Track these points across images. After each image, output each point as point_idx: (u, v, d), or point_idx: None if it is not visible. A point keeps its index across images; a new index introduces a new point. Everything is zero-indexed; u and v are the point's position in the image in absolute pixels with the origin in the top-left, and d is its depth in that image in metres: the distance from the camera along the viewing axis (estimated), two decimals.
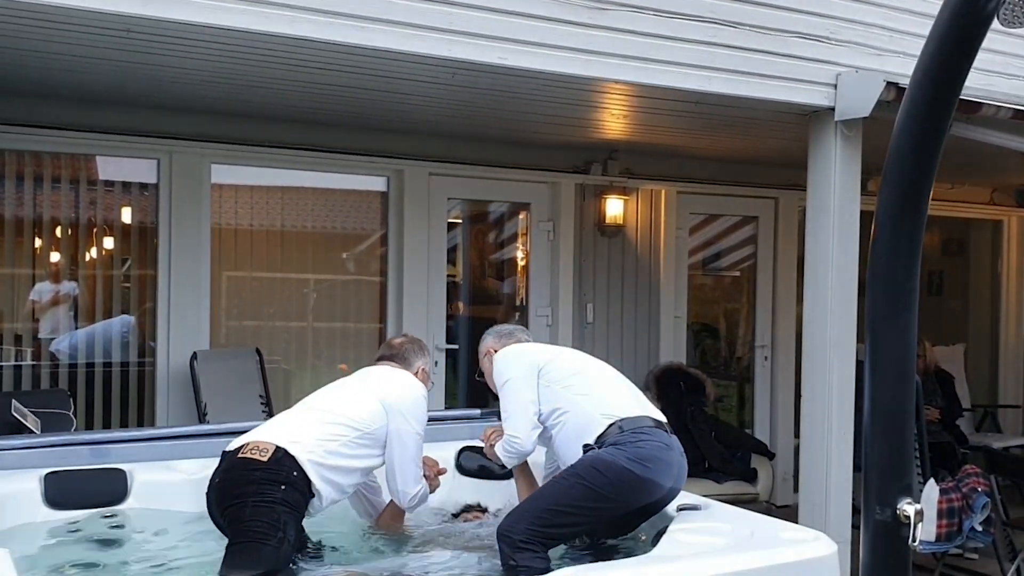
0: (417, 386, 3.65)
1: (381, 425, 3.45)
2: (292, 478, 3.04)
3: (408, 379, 3.67)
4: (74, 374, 5.84)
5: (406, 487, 3.51)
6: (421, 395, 3.61)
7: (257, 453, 3.06)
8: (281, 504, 3.00)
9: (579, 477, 3.20)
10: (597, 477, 3.18)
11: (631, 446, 3.25)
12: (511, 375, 3.57)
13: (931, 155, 2.48)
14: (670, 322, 7.27)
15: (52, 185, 5.88)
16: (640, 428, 3.31)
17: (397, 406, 3.49)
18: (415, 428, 3.51)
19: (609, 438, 3.27)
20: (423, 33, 3.99)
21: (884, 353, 2.59)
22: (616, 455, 3.22)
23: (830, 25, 4.96)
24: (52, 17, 3.60)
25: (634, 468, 3.20)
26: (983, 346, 8.92)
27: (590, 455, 3.26)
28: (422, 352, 3.90)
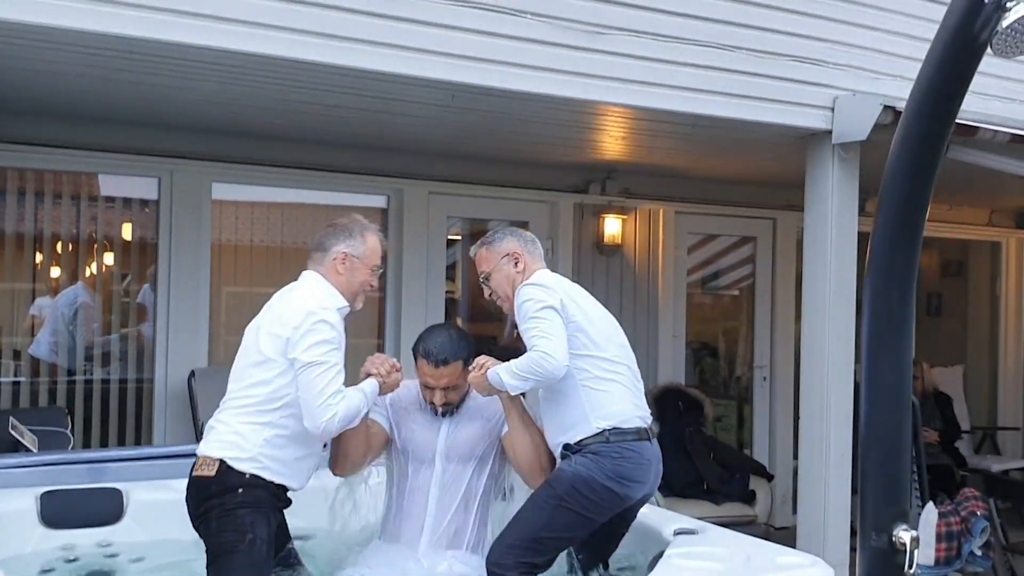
0: (297, 301, 3.05)
1: (280, 372, 3.00)
2: (245, 480, 2.98)
3: (289, 300, 3.09)
4: (72, 391, 5.84)
5: (313, 422, 2.96)
6: (302, 311, 3.00)
7: (205, 469, 3.01)
8: (242, 507, 2.96)
9: (562, 500, 3.13)
10: (580, 499, 3.12)
11: (610, 461, 3.16)
12: (550, 302, 3.19)
13: (926, 181, 2.50)
14: (669, 341, 7.27)
15: (53, 201, 5.91)
16: (624, 441, 3.22)
17: (279, 344, 3.00)
18: (307, 356, 2.95)
19: (591, 445, 3.18)
20: (423, 56, 4.02)
21: (879, 378, 2.60)
22: (595, 472, 3.14)
23: (827, 49, 4.99)
24: (56, 39, 3.62)
25: (612, 486, 3.16)
26: (982, 367, 8.92)
27: (569, 473, 3.16)
28: (345, 232, 3.20)
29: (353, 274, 3.17)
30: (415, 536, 3.29)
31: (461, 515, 3.34)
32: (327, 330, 2.98)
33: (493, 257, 3.45)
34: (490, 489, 3.43)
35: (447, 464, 3.34)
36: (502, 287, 3.41)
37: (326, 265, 3.16)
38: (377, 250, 3.25)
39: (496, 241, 3.49)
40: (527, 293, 3.24)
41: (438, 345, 3.27)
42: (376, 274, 3.26)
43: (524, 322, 3.19)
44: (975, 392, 8.69)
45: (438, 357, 3.26)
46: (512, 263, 3.42)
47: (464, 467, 3.35)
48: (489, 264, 3.45)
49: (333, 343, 2.99)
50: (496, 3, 4.16)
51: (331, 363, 2.97)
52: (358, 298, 3.23)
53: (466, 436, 3.37)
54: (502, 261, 3.42)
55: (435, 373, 3.28)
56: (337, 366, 2.99)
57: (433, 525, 3.29)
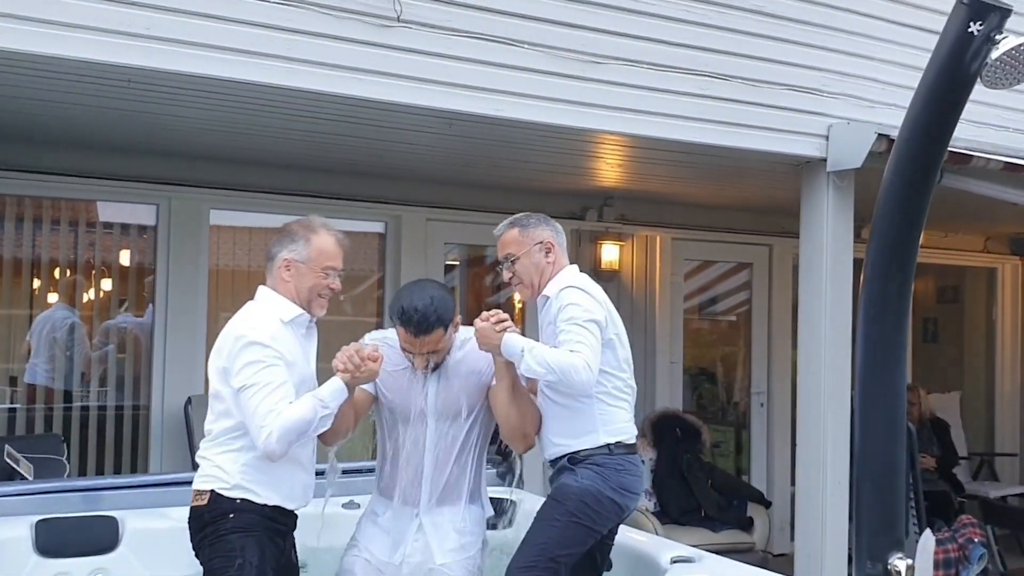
0: (229, 327, 2.99)
1: (233, 401, 2.94)
2: (236, 506, 2.97)
3: (226, 327, 3.02)
4: (68, 418, 5.83)
5: (257, 445, 2.90)
6: (231, 337, 2.95)
7: (199, 500, 3.01)
8: (232, 532, 2.94)
9: (573, 516, 3.16)
10: (589, 512, 3.17)
11: (614, 473, 3.22)
12: (598, 318, 3.19)
13: (918, 210, 2.53)
14: (666, 367, 7.27)
15: (51, 227, 5.93)
16: (626, 453, 3.28)
17: (220, 375, 2.96)
18: (238, 381, 2.89)
19: (595, 457, 3.22)
20: (421, 85, 4.05)
21: (873, 407, 2.61)
22: (600, 485, 3.19)
23: (821, 78, 5.03)
24: (54, 68, 3.66)
25: (616, 498, 3.22)
26: (979, 393, 8.92)
27: (577, 488, 3.19)
28: (288, 238, 3.08)
29: (300, 280, 3.04)
30: (413, 494, 3.21)
31: (457, 469, 3.23)
32: (255, 351, 2.89)
33: (526, 241, 3.34)
34: (484, 439, 3.32)
35: (439, 422, 3.21)
36: (529, 274, 3.35)
37: (273, 275, 3.07)
38: (324, 250, 3.06)
39: (531, 226, 3.36)
40: (577, 297, 3.20)
41: (420, 312, 3.03)
42: (331, 276, 3.08)
43: (568, 324, 3.13)
44: (972, 418, 8.69)
45: (420, 326, 3.05)
46: (544, 252, 3.34)
47: (456, 422, 3.22)
48: (520, 248, 3.34)
49: (264, 362, 2.89)
50: (493, 32, 4.20)
51: (261, 383, 2.87)
52: (313, 305, 3.08)
53: (456, 392, 3.21)
54: (534, 248, 3.34)
55: (416, 342, 3.09)
56: (269, 385, 2.87)
57: (431, 483, 3.20)
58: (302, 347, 3.09)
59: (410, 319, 3.04)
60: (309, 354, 3.14)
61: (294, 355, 3.02)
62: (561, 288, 3.28)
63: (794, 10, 4.99)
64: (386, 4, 3.97)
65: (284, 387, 2.91)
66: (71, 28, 3.45)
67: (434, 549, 3.19)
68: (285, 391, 2.91)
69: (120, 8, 3.52)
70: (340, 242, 3.11)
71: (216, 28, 3.68)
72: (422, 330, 3.04)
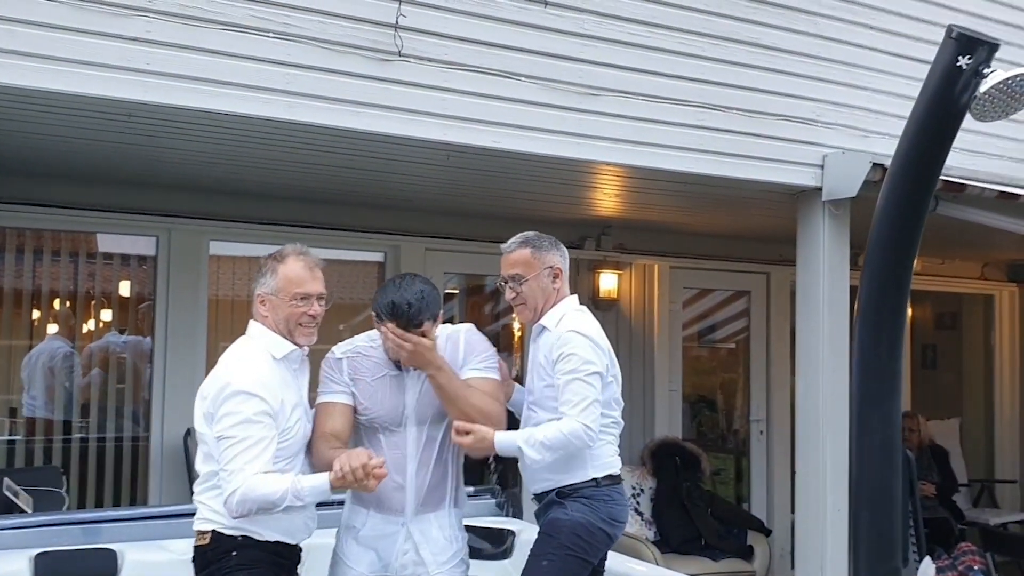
0: (218, 368, 2.94)
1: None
2: (238, 543, 2.94)
3: (215, 368, 2.97)
4: (67, 449, 5.83)
5: (223, 490, 2.86)
6: (217, 383, 2.89)
7: (202, 540, 2.98)
8: (237, 569, 2.92)
9: (567, 549, 3.16)
10: (582, 544, 3.18)
11: (602, 504, 3.23)
12: (600, 369, 3.18)
13: (910, 243, 2.56)
14: (665, 395, 7.28)
15: (52, 258, 5.96)
16: (611, 485, 3.29)
17: (204, 420, 2.92)
18: (217, 430, 2.85)
19: (583, 490, 3.22)
20: (418, 118, 4.09)
21: (869, 435, 2.63)
22: (590, 516, 3.20)
23: (816, 108, 5.08)
24: (55, 103, 3.70)
25: (606, 528, 3.23)
26: (978, 420, 8.91)
27: (568, 521, 3.19)
28: (259, 273, 3.04)
29: (276, 313, 2.98)
30: (396, 501, 3.11)
31: (439, 473, 3.16)
32: (238, 401, 2.83)
33: (536, 264, 3.29)
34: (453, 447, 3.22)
35: (420, 426, 3.13)
36: (535, 298, 3.30)
37: (255, 312, 3.04)
38: (292, 278, 2.97)
39: (544, 248, 3.32)
40: (580, 347, 3.17)
41: (413, 306, 2.99)
42: (305, 304, 2.98)
43: (569, 378, 3.13)
44: (972, 445, 8.68)
45: (412, 320, 2.99)
46: (552, 277, 3.30)
47: (438, 427, 3.15)
48: (529, 269, 3.28)
49: (244, 414, 2.82)
50: (490, 65, 4.25)
51: (239, 437, 2.81)
52: (296, 335, 2.99)
53: (434, 397, 3.12)
54: (544, 271, 3.29)
55: (407, 336, 3.02)
56: (246, 440, 2.80)
57: (416, 490, 3.12)
58: (296, 381, 3.05)
59: (403, 312, 2.99)
60: (302, 387, 3.09)
61: (285, 393, 2.95)
62: (565, 329, 3.24)
63: (789, 41, 5.05)
64: (386, 39, 4.02)
65: (261, 444, 2.83)
66: (71, 64, 3.50)
67: (427, 559, 3.12)
68: (261, 449, 2.83)
69: (119, 44, 3.56)
70: (311, 266, 3.02)
71: (215, 63, 3.72)
72: (414, 323, 2.99)
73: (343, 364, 3.16)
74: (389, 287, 3.09)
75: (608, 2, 4.55)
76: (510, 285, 3.32)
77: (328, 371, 3.18)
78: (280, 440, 2.91)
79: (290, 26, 3.86)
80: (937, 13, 5.30)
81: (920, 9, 5.38)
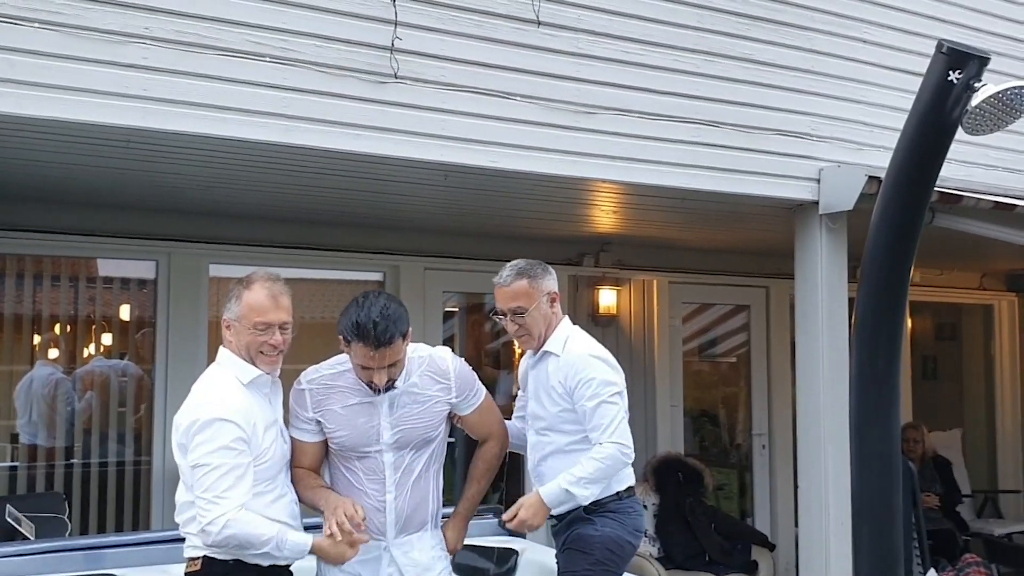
0: (191, 398, 2.95)
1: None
2: (229, 567, 2.95)
3: (187, 399, 2.98)
4: (69, 475, 5.82)
5: (201, 516, 2.87)
6: (189, 415, 2.90)
7: (193, 566, 3.01)
8: None
9: (602, 564, 3.22)
10: (615, 559, 3.24)
11: (627, 517, 3.31)
12: (621, 387, 3.24)
13: (906, 255, 2.57)
14: (666, 410, 7.27)
15: (52, 283, 5.96)
16: (631, 497, 3.37)
17: (179, 452, 2.95)
18: (191, 458, 2.86)
19: (608, 504, 3.27)
20: (416, 139, 4.12)
21: (868, 446, 2.64)
22: (619, 530, 3.26)
23: (811, 122, 5.11)
24: (54, 130, 3.71)
25: (632, 540, 3.31)
26: (980, 430, 8.90)
27: (600, 536, 3.23)
28: (228, 299, 3.04)
29: (238, 339, 2.97)
30: (378, 524, 3.09)
31: (418, 495, 3.13)
32: (213, 430, 2.83)
33: (535, 293, 3.28)
34: (440, 457, 3.23)
35: (400, 452, 3.09)
36: (537, 327, 3.30)
37: (223, 337, 3.03)
38: (254, 306, 2.94)
39: (539, 276, 3.31)
40: (599, 369, 3.21)
41: (378, 324, 2.90)
42: (265, 333, 2.94)
43: (595, 404, 3.16)
44: (974, 455, 8.66)
45: (380, 338, 2.91)
46: (550, 303, 3.32)
47: (418, 453, 3.12)
48: (529, 301, 3.27)
49: (218, 443, 2.81)
50: (486, 86, 4.27)
51: (213, 466, 2.80)
52: (258, 362, 2.97)
53: (412, 423, 3.09)
54: (543, 299, 3.30)
55: (376, 355, 2.93)
56: (221, 468, 2.80)
57: (396, 513, 3.10)
58: (271, 405, 3.03)
59: (368, 333, 2.90)
60: (276, 408, 3.07)
61: (257, 416, 2.93)
62: (579, 354, 3.26)
63: (782, 56, 5.08)
64: (382, 61, 4.05)
65: (237, 471, 2.82)
66: (69, 91, 3.51)
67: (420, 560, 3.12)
68: (237, 477, 2.82)
69: (116, 71, 3.58)
70: (276, 295, 2.97)
71: (213, 88, 3.74)
72: (383, 341, 2.90)
73: (306, 396, 3.11)
74: (351, 307, 2.98)
75: (602, 21, 4.58)
76: (512, 319, 3.30)
77: (293, 404, 3.14)
78: (256, 463, 2.90)
79: (287, 50, 3.88)
80: (929, 26, 5.34)
81: (912, 22, 5.41)
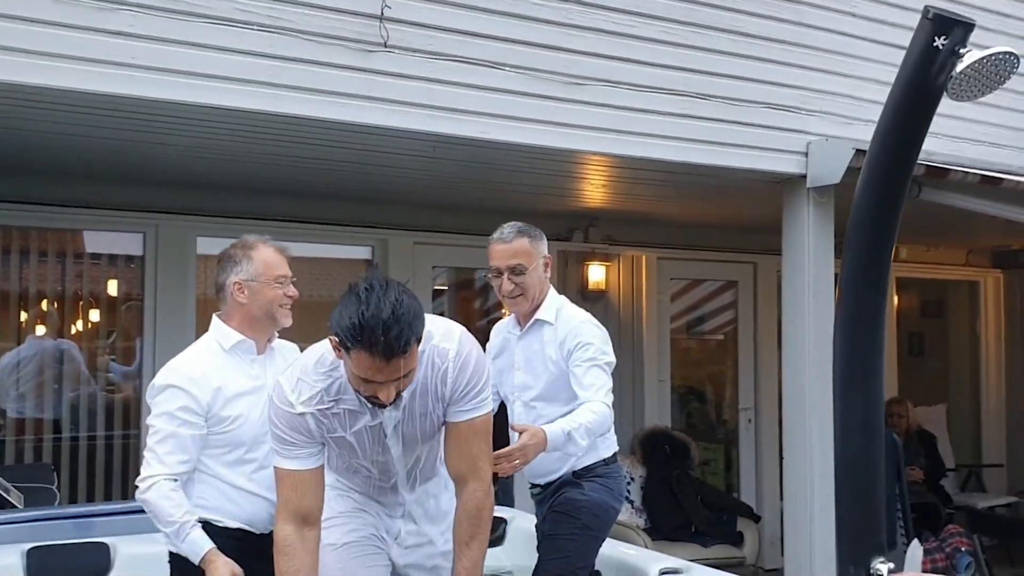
0: (165, 368, 2.97)
1: None
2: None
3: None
4: (58, 447, 5.82)
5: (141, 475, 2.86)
6: (159, 385, 2.91)
7: None
8: None
9: (589, 529, 3.23)
10: (600, 524, 3.27)
11: (613, 481, 3.35)
12: (612, 360, 3.21)
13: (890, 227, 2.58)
14: (654, 385, 7.31)
15: (38, 258, 5.94)
16: (615, 462, 3.40)
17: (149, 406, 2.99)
18: (150, 419, 2.92)
19: (595, 469, 3.30)
20: (404, 109, 4.11)
21: (851, 416, 2.65)
22: (606, 496, 3.29)
23: (800, 95, 5.12)
24: (40, 97, 3.69)
25: (616, 505, 3.36)
26: (964, 405, 8.98)
27: (587, 502, 3.24)
28: (231, 262, 2.96)
29: (256, 298, 2.98)
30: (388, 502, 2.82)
31: (429, 471, 2.81)
32: (165, 396, 2.89)
33: (534, 253, 3.24)
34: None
35: (405, 456, 2.69)
36: (534, 288, 3.25)
37: (227, 302, 3.02)
38: (271, 261, 2.99)
39: (538, 238, 3.28)
40: (597, 337, 3.21)
41: (393, 331, 2.24)
42: (285, 284, 2.99)
43: (589, 363, 3.14)
44: (958, 430, 8.74)
45: (394, 347, 2.25)
46: (544, 267, 3.30)
47: (422, 446, 2.71)
48: (530, 260, 3.22)
49: (164, 408, 2.88)
50: (474, 55, 4.26)
51: (156, 428, 2.88)
52: (278, 316, 3.00)
53: (416, 432, 2.64)
54: (540, 262, 3.27)
55: (388, 368, 2.30)
56: (160, 432, 2.86)
57: (409, 500, 2.82)
58: (257, 371, 3.02)
59: (376, 340, 2.24)
60: (268, 376, 3.02)
61: (226, 381, 2.94)
62: (577, 320, 3.26)
63: (771, 29, 5.08)
64: (371, 30, 4.03)
65: (175, 440, 2.86)
66: (55, 58, 3.49)
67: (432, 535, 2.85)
68: (175, 445, 2.86)
69: (103, 38, 3.56)
70: (281, 251, 3.06)
71: (200, 56, 3.72)
72: (396, 351, 2.26)
73: (308, 422, 2.52)
74: (351, 301, 2.31)
75: None
76: (510, 277, 3.23)
77: (288, 431, 2.54)
78: (219, 430, 2.92)
79: (275, 19, 3.87)
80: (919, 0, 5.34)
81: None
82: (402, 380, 2.37)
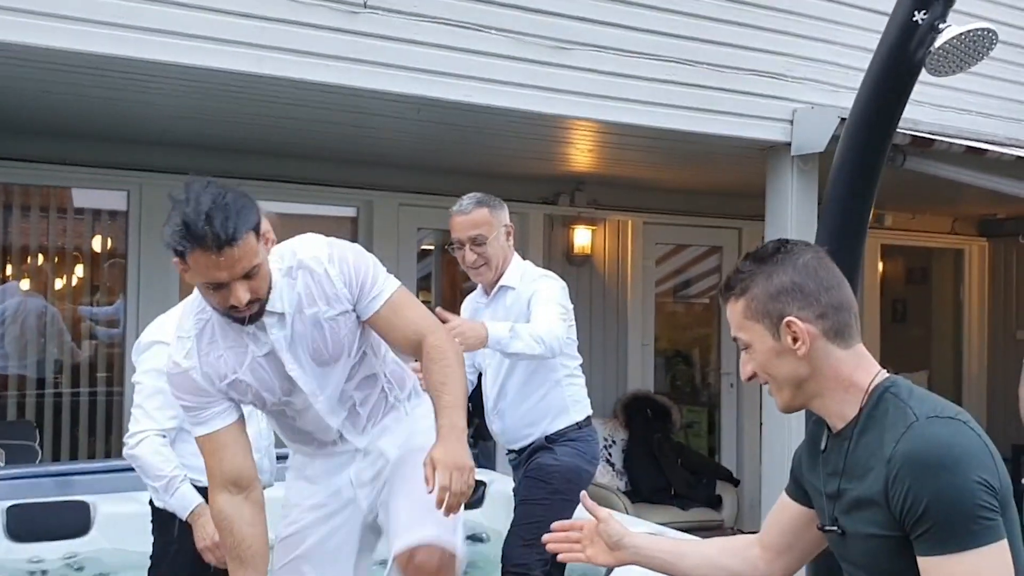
0: (151, 325, 3.04)
1: None
2: None
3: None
4: (41, 404, 5.84)
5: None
6: (145, 342, 3.00)
7: None
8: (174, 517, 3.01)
9: (560, 493, 3.24)
10: (572, 488, 3.23)
11: (585, 445, 3.36)
12: (570, 311, 3.25)
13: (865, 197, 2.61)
14: (638, 349, 7.36)
15: (22, 213, 5.92)
16: (588, 425, 3.42)
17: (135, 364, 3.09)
18: (136, 377, 3.01)
19: (568, 433, 3.33)
20: (388, 71, 4.08)
21: None
22: (578, 459, 3.31)
23: (786, 63, 5.10)
24: (24, 55, 3.66)
25: (590, 468, 3.37)
26: (946, 372, 9.07)
27: (559, 466, 3.27)
28: None
29: None
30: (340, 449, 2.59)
31: (369, 400, 2.58)
32: (151, 354, 2.96)
33: (495, 223, 3.28)
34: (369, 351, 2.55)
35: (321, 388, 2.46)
36: (496, 258, 3.28)
37: None
38: None
39: (497, 207, 3.30)
40: (556, 289, 3.26)
41: (217, 218, 2.12)
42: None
43: (545, 303, 3.17)
44: (940, 395, 8.82)
45: (221, 234, 2.13)
46: (506, 236, 3.32)
47: (334, 367, 2.47)
48: (490, 229, 3.25)
49: (151, 364, 2.94)
50: (461, 18, 4.23)
51: (143, 384, 2.96)
52: None
53: (317, 346, 2.41)
54: (501, 231, 3.30)
55: (223, 261, 2.16)
56: (147, 388, 2.94)
57: (352, 431, 2.57)
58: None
59: (204, 233, 2.11)
60: None
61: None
62: (538, 276, 3.32)
63: None
64: None
65: (162, 396, 2.84)
66: (39, 16, 3.46)
67: (385, 450, 2.58)
68: (162, 401, 2.88)
69: None
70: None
71: (185, 16, 3.69)
72: (225, 238, 2.13)
73: (197, 377, 2.38)
74: (174, 209, 2.17)
75: None
76: (471, 247, 3.27)
77: (183, 393, 2.41)
78: None
79: None
80: None
81: None
82: (249, 282, 2.23)
